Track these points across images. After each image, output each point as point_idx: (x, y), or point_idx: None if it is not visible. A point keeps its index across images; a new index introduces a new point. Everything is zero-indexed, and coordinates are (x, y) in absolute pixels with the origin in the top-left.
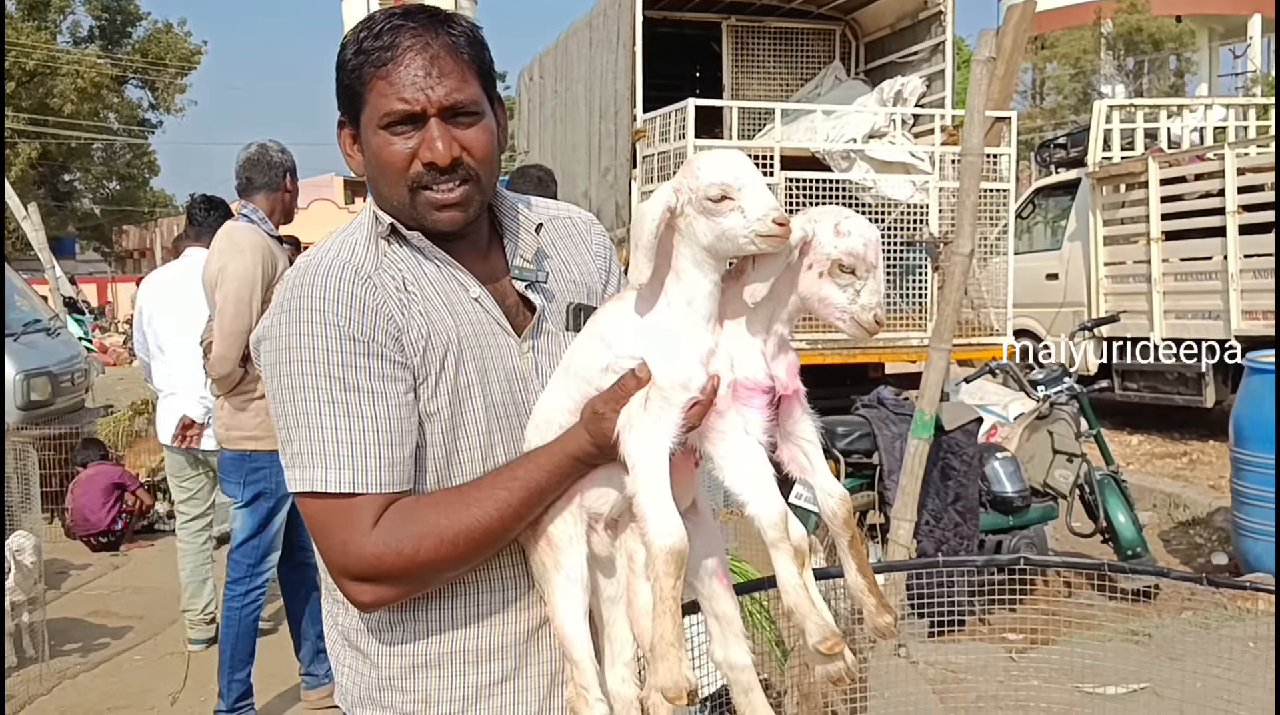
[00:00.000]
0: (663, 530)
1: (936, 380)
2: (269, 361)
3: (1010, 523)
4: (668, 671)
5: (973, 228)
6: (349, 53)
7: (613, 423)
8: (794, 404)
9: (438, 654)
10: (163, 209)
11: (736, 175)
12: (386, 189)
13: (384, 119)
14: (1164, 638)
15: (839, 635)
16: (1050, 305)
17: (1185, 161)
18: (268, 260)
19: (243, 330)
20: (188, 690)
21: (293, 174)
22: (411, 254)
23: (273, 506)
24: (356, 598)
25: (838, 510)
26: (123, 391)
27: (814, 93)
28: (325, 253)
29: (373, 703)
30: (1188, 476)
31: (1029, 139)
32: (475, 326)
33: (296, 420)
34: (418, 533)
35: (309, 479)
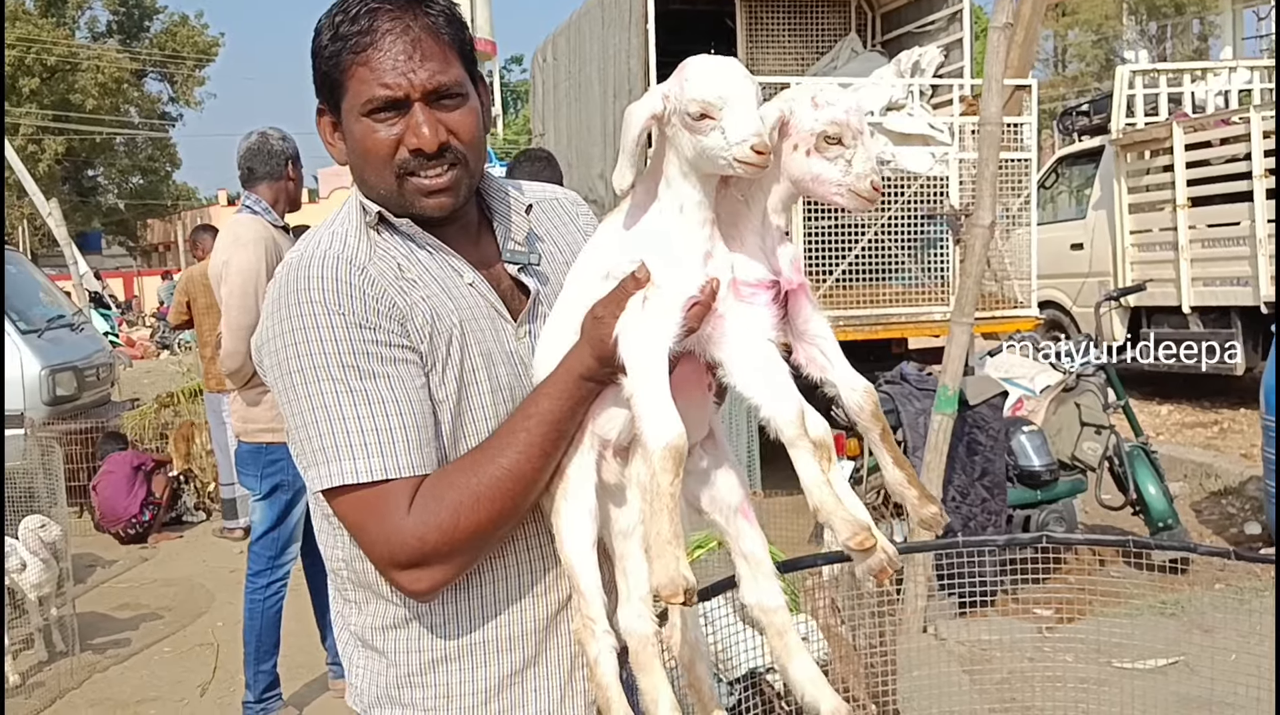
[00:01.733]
0: (660, 427)
1: (959, 354)
2: (274, 363)
3: (1038, 497)
4: (664, 569)
5: (993, 199)
6: (324, 38)
7: (611, 326)
8: (801, 300)
9: (457, 647)
10: (185, 202)
11: (721, 92)
12: (372, 177)
13: (366, 106)
14: (1196, 611)
15: (869, 528)
16: (1076, 275)
17: (1210, 126)
18: (271, 251)
19: (250, 324)
20: (217, 681)
21: (295, 162)
22: (403, 242)
23: (291, 498)
24: (411, 587)
25: (864, 403)
26: (149, 385)
27: (830, 66)
28: (315, 246)
29: (391, 701)
30: (1219, 446)
31: (1051, 107)
32: (474, 312)
33: (315, 416)
34: (453, 502)
35: (338, 473)
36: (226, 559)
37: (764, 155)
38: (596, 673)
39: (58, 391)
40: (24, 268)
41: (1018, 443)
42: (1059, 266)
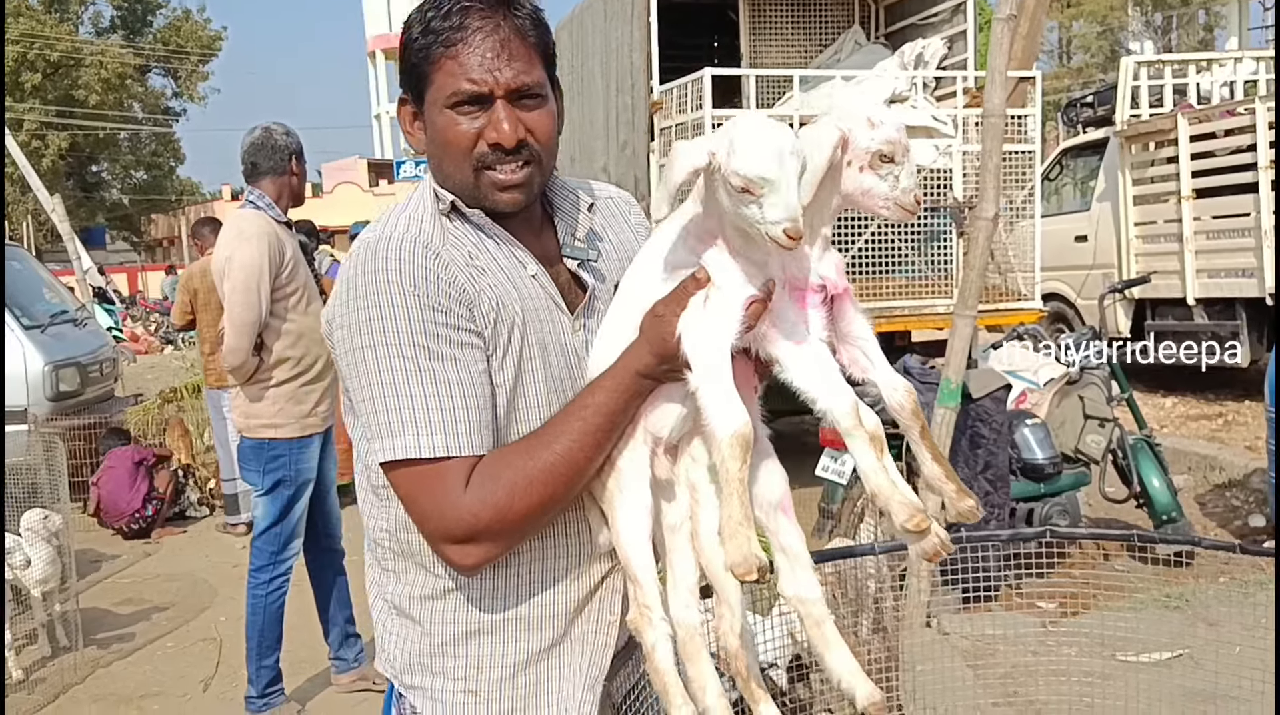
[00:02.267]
0: (728, 417)
1: (962, 347)
2: (344, 338)
3: (1042, 490)
4: (737, 548)
5: (996, 191)
6: (415, 31)
7: (673, 325)
8: (846, 304)
9: (490, 622)
10: (190, 197)
11: (764, 174)
12: (450, 167)
13: (451, 98)
14: (1201, 603)
15: (924, 511)
16: (1080, 267)
17: (1215, 117)
18: (274, 247)
19: (253, 320)
20: (220, 676)
21: (299, 157)
22: (472, 230)
23: (293, 494)
24: (460, 561)
25: (905, 402)
26: (153, 380)
27: (833, 59)
28: (390, 228)
29: (423, 669)
30: (1223, 438)
31: (1056, 99)
32: (535, 302)
33: (383, 391)
34: (508, 482)
35: (401, 447)
36: (230, 554)
37: (795, 240)
38: (654, 658)
39: (61, 387)
40: (27, 263)
41: (1021, 436)
42: (1063, 259)
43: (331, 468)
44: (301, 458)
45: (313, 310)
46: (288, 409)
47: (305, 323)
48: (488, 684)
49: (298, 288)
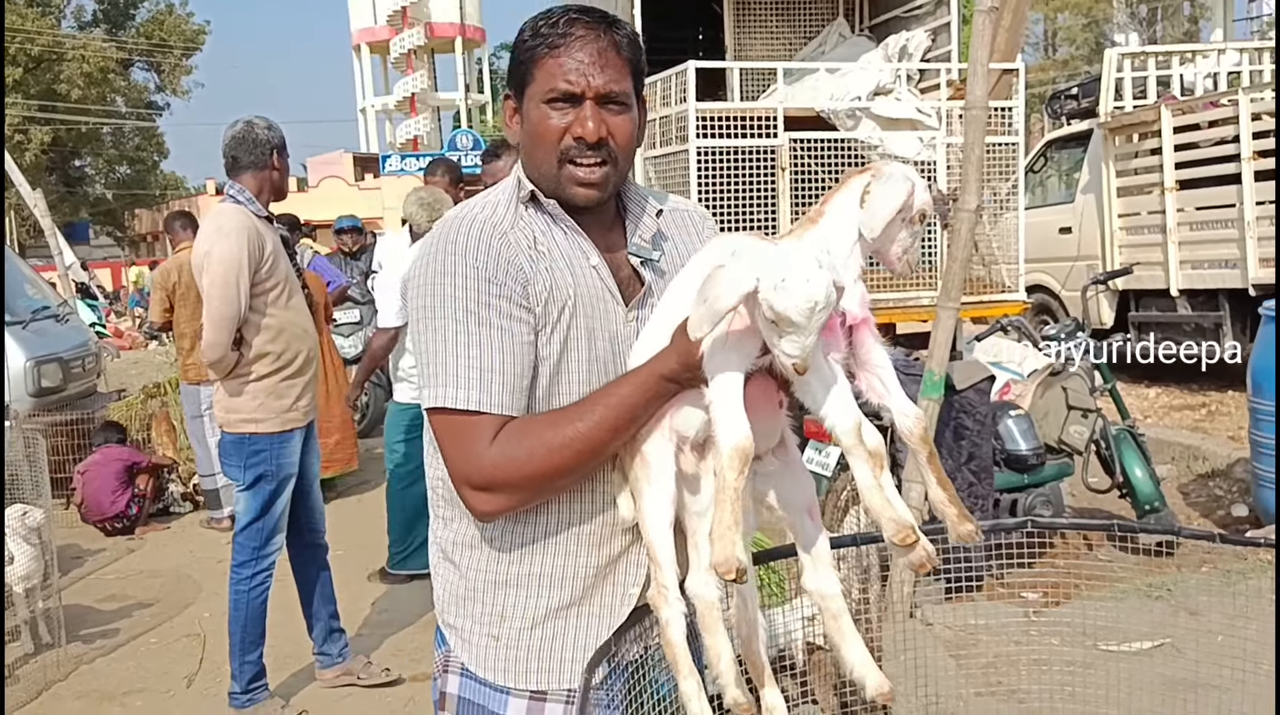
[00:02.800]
0: (732, 431)
1: (945, 339)
2: (415, 296)
3: (1025, 481)
4: (722, 550)
5: (979, 183)
6: (526, 34)
7: (699, 342)
8: (865, 333)
9: (517, 574)
10: (174, 191)
11: (794, 320)
12: (539, 156)
13: (548, 94)
14: (1183, 592)
15: (912, 527)
16: (1064, 259)
17: (1199, 108)
18: (254, 241)
19: (231, 315)
20: (204, 672)
21: (280, 151)
22: (544, 218)
23: (274, 489)
24: (477, 506)
25: (914, 428)
26: (137, 376)
27: (818, 51)
28: (471, 209)
29: (457, 610)
30: (1206, 428)
31: (1041, 91)
32: (590, 290)
33: (435, 347)
34: (529, 445)
35: (442, 396)
36: (213, 550)
37: (800, 373)
38: (667, 633)
39: (43, 383)
40: (9, 259)
41: (1005, 427)
42: (1047, 250)
43: (314, 462)
44: (283, 453)
45: (293, 304)
46: (268, 404)
47: (286, 317)
48: (509, 632)
49: (278, 282)
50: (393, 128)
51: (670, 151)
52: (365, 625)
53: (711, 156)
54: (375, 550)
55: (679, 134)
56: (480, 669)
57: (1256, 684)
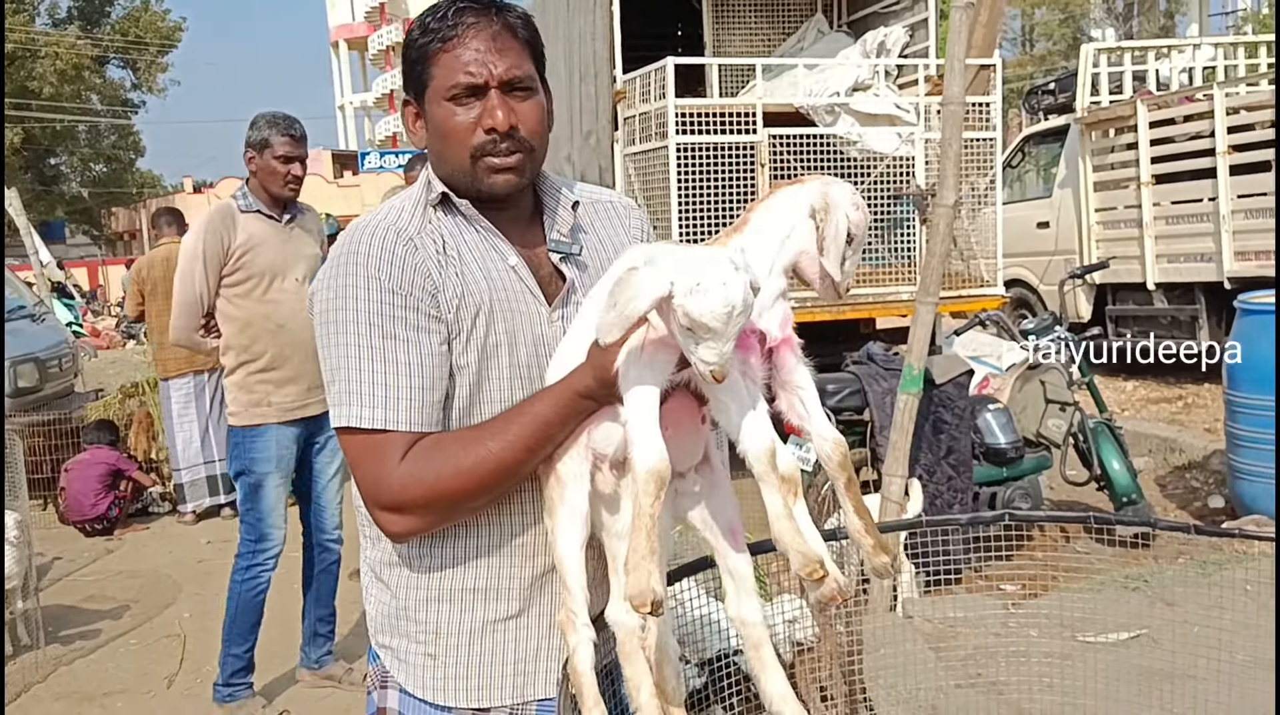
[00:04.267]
0: (646, 453)
1: (924, 334)
2: (319, 310)
3: (1004, 474)
4: (637, 581)
5: (956, 178)
6: (415, 33)
7: (613, 356)
8: (786, 353)
9: (449, 590)
10: (150, 189)
11: (709, 324)
12: (450, 155)
13: (449, 91)
14: (1160, 584)
15: (819, 561)
16: (1042, 253)
17: (1174, 103)
18: (218, 231)
19: (186, 301)
20: (184, 672)
21: (256, 147)
22: (456, 221)
23: (255, 482)
24: (388, 527)
25: (832, 454)
26: (114, 375)
27: (796, 47)
28: (375, 217)
29: (391, 630)
30: (1183, 421)
31: (1019, 86)
32: (508, 292)
33: (339, 362)
34: (438, 465)
35: (347, 416)
36: (194, 549)
37: (719, 380)
38: (574, 660)
39: (19, 383)
40: None
41: (983, 420)
42: (1026, 245)
43: (328, 462)
44: (254, 447)
45: (270, 298)
46: (239, 397)
47: (256, 311)
48: (445, 649)
49: (249, 276)
50: (371, 124)
51: (650, 148)
52: (347, 625)
53: (691, 152)
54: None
55: (658, 130)
56: (418, 689)
57: (1232, 673)
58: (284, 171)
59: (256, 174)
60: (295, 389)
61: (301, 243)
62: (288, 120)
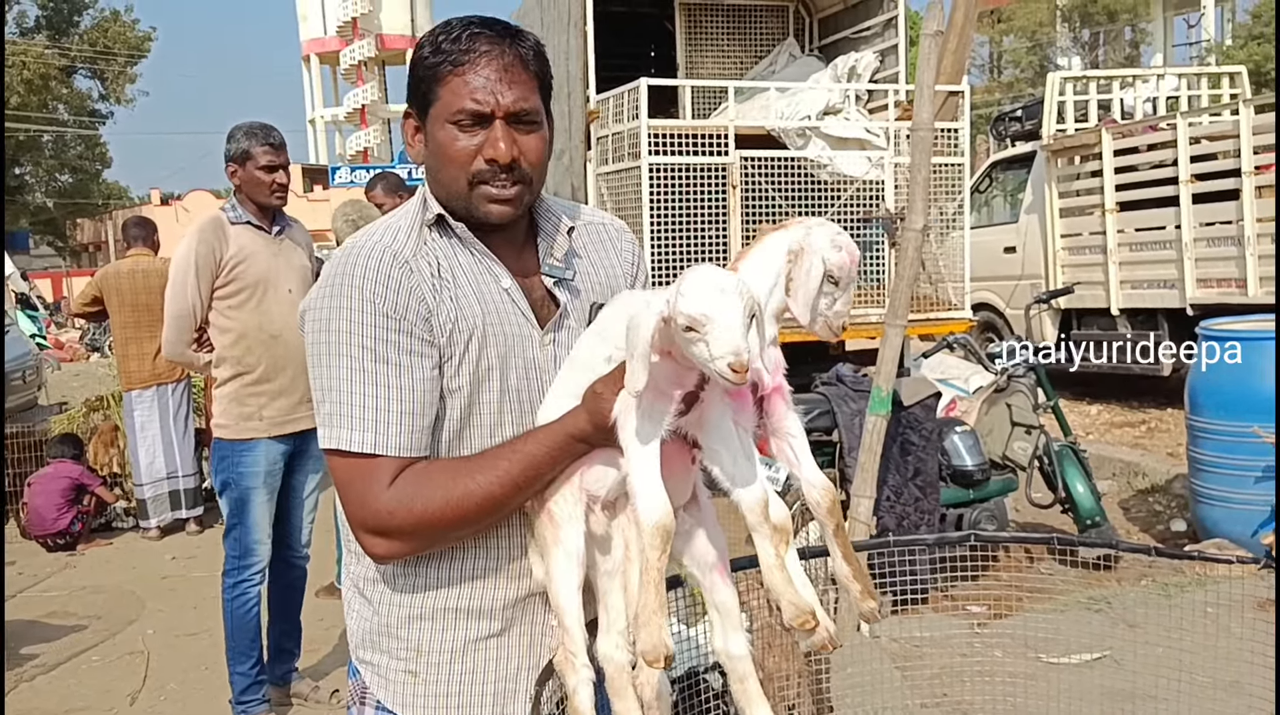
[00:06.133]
0: (651, 508)
1: (892, 356)
2: (310, 330)
3: (971, 496)
4: (649, 637)
5: (925, 203)
6: (426, 51)
7: (610, 403)
8: (778, 400)
9: (432, 608)
10: (117, 201)
11: (706, 311)
12: (446, 178)
13: (455, 115)
14: (1123, 606)
15: (810, 612)
16: (1009, 278)
17: (1138, 132)
18: (210, 244)
19: (179, 313)
20: (147, 690)
21: (237, 160)
22: (451, 243)
23: (239, 496)
24: (371, 549)
25: (821, 500)
26: (79, 387)
27: (768, 70)
28: (371, 237)
29: (372, 646)
30: (1146, 445)
31: (988, 113)
32: (501, 315)
33: (330, 384)
34: (425, 494)
35: (337, 437)
36: (157, 565)
37: (741, 373)
38: (574, 701)
39: None
40: None
41: (950, 443)
42: (993, 269)
43: (306, 479)
44: (243, 461)
45: (264, 310)
46: (229, 410)
47: (250, 322)
48: (426, 667)
49: (242, 288)
50: (343, 139)
51: (622, 168)
52: (314, 643)
53: (663, 173)
54: (325, 564)
55: (631, 150)
56: (398, 706)
57: (1192, 694)
58: (269, 181)
59: (241, 187)
60: (287, 402)
61: (292, 254)
62: (266, 129)
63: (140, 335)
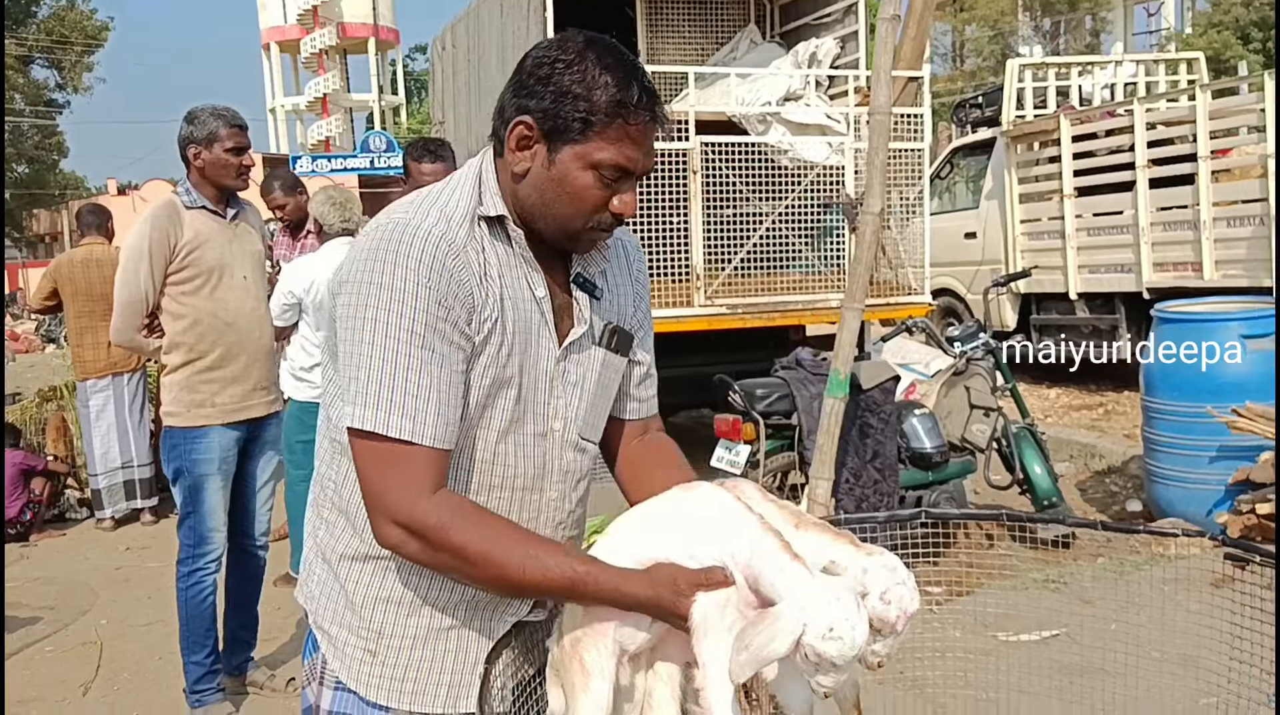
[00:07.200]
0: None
1: (850, 339)
2: (351, 301)
3: (929, 478)
4: None
5: (882, 187)
6: (593, 85)
7: (688, 604)
8: None
9: (399, 595)
10: (74, 191)
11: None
12: (563, 213)
13: (602, 164)
14: (1078, 584)
15: None
16: (969, 263)
17: (1096, 118)
18: (163, 229)
19: (130, 300)
20: (101, 679)
21: (202, 142)
22: (498, 243)
23: (192, 485)
24: (385, 537)
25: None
26: (32, 378)
27: (729, 56)
28: (423, 216)
29: (333, 618)
30: (1103, 427)
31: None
32: (529, 323)
33: (370, 364)
34: (472, 533)
35: (373, 420)
36: (111, 556)
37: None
38: None
39: None
40: None
41: (909, 425)
42: (954, 255)
43: (264, 467)
44: (196, 449)
45: (218, 296)
46: (181, 397)
47: (204, 308)
48: (385, 649)
49: (197, 274)
50: (304, 128)
51: None
52: (271, 631)
53: None
54: (281, 552)
55: None
56: (355, 684)
57: (1145, 668)
58: (236, 163)
59: (205, 169)
60: (240, 389)
61: (246, 239)
62: (230, 111)
63: (95, 324)
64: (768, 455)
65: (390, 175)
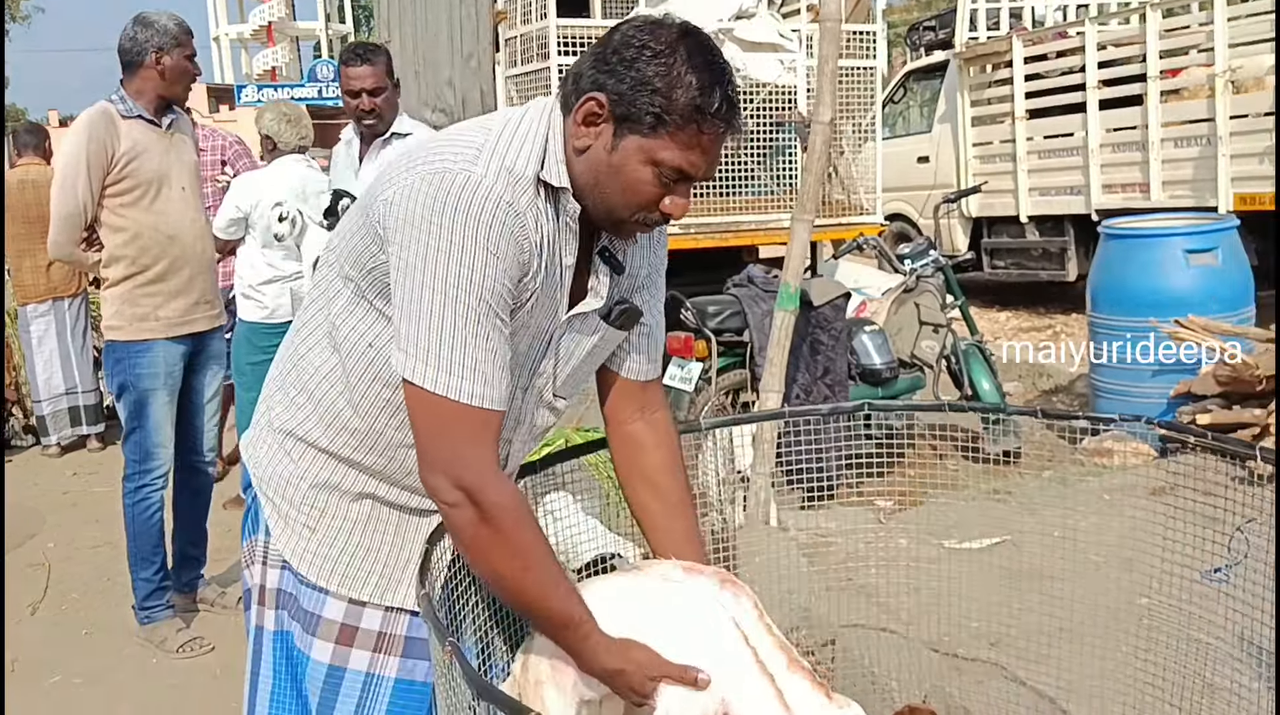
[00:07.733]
0: None
1: (800, 252)
2: (419, 250)
3: (880, 394)
4: None
5: (833, 96)
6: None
7: (654, 690)
8: None
9: (345, 485)
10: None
11: None
12: (615, 200)
13: (664, 162)
14: (1024, 494)
15: None
16: (922, 187)
17: (1048, 39)
18: (101, 140)
19: (67, 213)
20: (49, 599)
21: (163, 49)
22: (548, 208)
23: (138, 399)
24: (440, 493)
25: None
26: None
27: None
28: (485, 169)
29: (280, 490)
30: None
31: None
32: (551, 287)
33: (434, 324)
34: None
35: (442, 383)
36: (58, 481)
37: None
38: None
39: None
40: None
41: (859, 342)
42: (906, 179)
43: (208, 382)
44: (140, 363)
45: (157, 208)
46: (123, 310)
47: (145, 221)
48: (325, 529)
49: (136, 185)
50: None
51: (531, 69)
52: (221, 552)
53: None
54: (232, 477)
55: (540, 51)
56: (293, 557)
57: (1087, 571)
58: (194, 71)
59: (166, 73)
60: (184, 302)
61: (182, 148)
62: (180, 19)
63: (34, 247)
64: (720, 372)
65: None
